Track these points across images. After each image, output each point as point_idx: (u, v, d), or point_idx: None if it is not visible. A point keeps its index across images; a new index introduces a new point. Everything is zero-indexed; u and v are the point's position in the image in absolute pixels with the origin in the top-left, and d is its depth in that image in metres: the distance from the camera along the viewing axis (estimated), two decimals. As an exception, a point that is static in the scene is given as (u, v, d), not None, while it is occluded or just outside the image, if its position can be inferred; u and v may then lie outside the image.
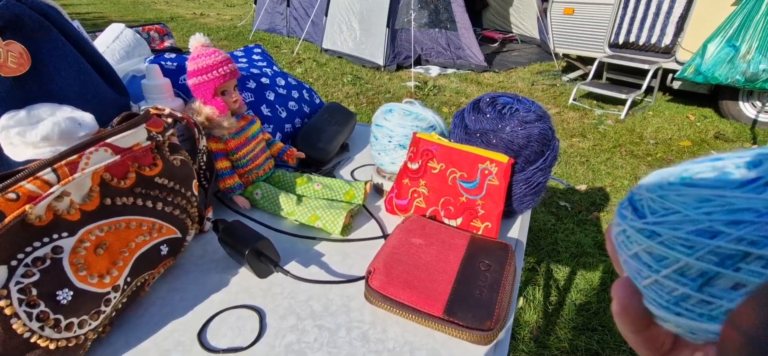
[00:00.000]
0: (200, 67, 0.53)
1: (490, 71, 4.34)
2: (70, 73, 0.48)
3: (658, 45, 3.30)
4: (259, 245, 0.45)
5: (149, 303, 0.43)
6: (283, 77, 0.79)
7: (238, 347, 0.38)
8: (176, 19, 7.28)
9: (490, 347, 0.39)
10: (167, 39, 0.92)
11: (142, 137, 0.42)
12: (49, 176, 0.34)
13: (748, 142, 2.69)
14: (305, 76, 3.91)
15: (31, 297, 0.32)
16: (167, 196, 0.44)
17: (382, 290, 0.41)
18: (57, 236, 0.34)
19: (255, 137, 0.60)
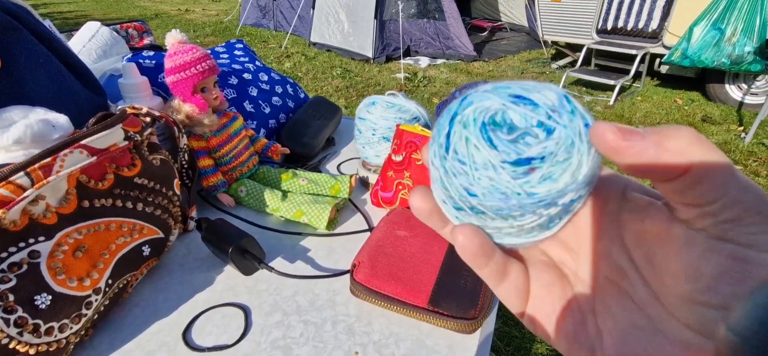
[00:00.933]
0: (178, 65, 0.52)
1: (480, 61, 4.34)
2: (42, 74, 0.47)
3: (645, 30, 3.32)
4: (243, 242, 0.45)
5: (133, 304, 0.42)
6: (266, 72, 0.78)
7: (223, 345, 0.38)
8: (161, 16, 7.15)
9: (474, 335, 0.39)
10: (146, 36, 0.91)
11: (119, 138, 0.41)
12: (22, 180, 0.33)
13: (735, 124, 2.73)
14: (294, 71, 3.87)
15: (8, 303, 0.31)
16: (148, 196, 0.43)
17: (367, 283, 0.41)
18: (33, 241, 0.33)
19: (238, 134, 0.60)
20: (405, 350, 0.38)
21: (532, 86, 0.15)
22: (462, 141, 0.15)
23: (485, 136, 0.15)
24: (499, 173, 0.14)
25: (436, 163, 0.16)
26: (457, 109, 0.16)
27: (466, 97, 0.16)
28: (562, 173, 0.14)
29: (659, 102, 3.16)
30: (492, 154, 0.14)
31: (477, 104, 0.15)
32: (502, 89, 0.16)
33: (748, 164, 2.23)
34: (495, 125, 0.15)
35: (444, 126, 0.16)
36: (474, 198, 0.15)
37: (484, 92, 0.16)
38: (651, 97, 3.28)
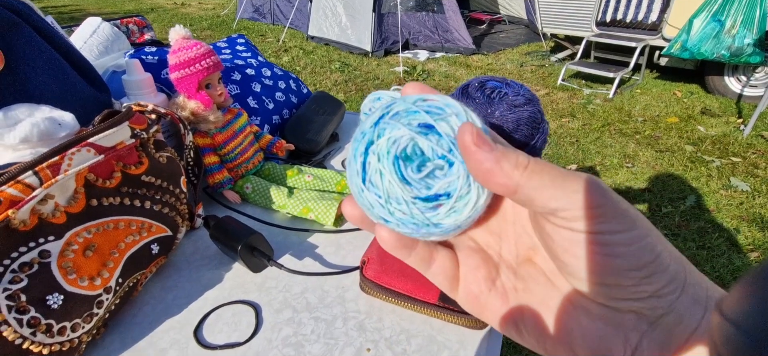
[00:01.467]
0: (182, 61, 0.52)
1: (479, 54, 4.32)
2: (46, 72, 0.47)
3: (644, 22, 3.31)
4: (252, 239, 0.45)
5: (143, 302, 0.42)
6: (269, 68, 0.78)
7: (235, 343, 0.38)
8: (156, 10, 7.08)
9: (485, 331, 0.39)
10: (147, 31, 0.90)
11: (126, 136, 0.41)
12: (30, 180, 0.33)
13: (734, 116, 2.74)
14: (292, 65, 3.85)
15: (20, 303, 0.31)
16: (155, 194, 0.43)
17: (377, 279, 0.41)
18: (43, 240, 0.33)
19: (242, 130, 0.59)
20: (416, 346, 0.38)
21: (439, 109, 0.16)
22: (377, 175, 0.16)
23: (398, 172, 0.16)
24: (410, 207, 0.16)
25: (355, 189, 0.17)
26: (372, 136, 0.17)
27: (382, 117, 0.17)
28: (464, 206, 0.16)
29: (658, 95, 3.17)
30: (405, 190, 0.16)
31: (389, 133, 0.16)
32: (412, 115, 0.16)
33: (747, 156, 2.24)
34: (406, 158, 0.16)
35: (359, 152, 0.17)
36: (389, 224, 0.17)
37: (395, 115, 0.16)
38: (650, 89, 3.28)
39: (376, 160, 0.16)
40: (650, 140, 2.46)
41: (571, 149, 2.39)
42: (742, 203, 1.87)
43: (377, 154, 0.16)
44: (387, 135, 0.16)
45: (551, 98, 3.17)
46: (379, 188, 0.16)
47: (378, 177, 0.16)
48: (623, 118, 2.75)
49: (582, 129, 2.62)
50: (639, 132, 2.56)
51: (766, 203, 1.86)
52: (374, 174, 0.16)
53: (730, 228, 1.72)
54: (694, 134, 2.51)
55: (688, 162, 2.20)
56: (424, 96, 0.17)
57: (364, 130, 0.17)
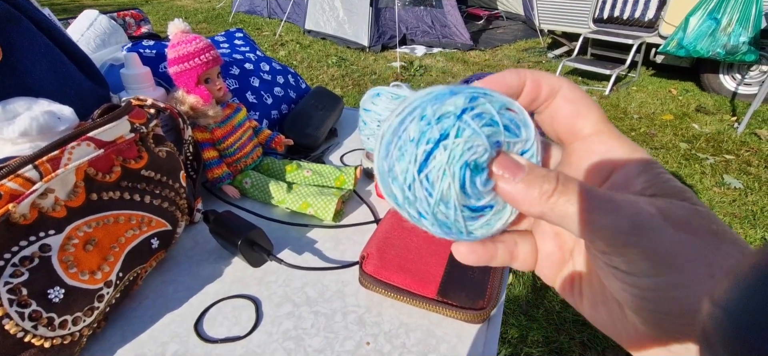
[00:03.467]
0: (181, 55, 0.51)
1: (476, 50, 4.32)
2: (44, 65, 0.47)
3: (641, 19, 3.32)
4: (252, 234, 0.45)
5: (143, 296, 0.43)
6: (267, 62, 0.78)
7: (235, 336, 0.38)
8: (151, 2, 7.00)
9: (482, 325, 0.40)
10: (144, 24, 0.89)
11: (126, 130, 0.41)
12: (30, 174, 0.33)
13: (728, 114, 2.76)
14: (289, 59, 3.83)
15: (21, 297, 0.31)
16: (155, 189, 0.43)
17: (376, 274, 0.42)
18: (44, 234, 0.33)
19: (241, 125, 0.59)
20: (415, 340, 0.38)
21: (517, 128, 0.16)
22: (439, 172, 0.15)
23: (462, 178, 0.15)
24: (456, 213, 0.15)
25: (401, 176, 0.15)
26: (449, 128, 0.15)
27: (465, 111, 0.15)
28: (497, 220, 0.16)
29: (654, 92, 3.18)
30: (461, 197, 0.15)
31: (469, 137, 0.15)
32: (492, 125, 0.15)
33: (740, 154, 2.27)
34: (476, 168, 0.15)
35: (428, 138, 0.15)
36: (423, 219, 0.16)
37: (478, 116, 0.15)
38: (646, 87, 3.30)
39: (446, 159, 0.15)
40: (645, 137, 2.48)
41: (568, 145, 2.40)
42: (734, 200, 1.89)
43: (450, 153, 0.15)
44: (466, 137, 0.15)
45: (548, 94, 3.17)
46: (434, 186, 0.15)
47: (439, 175, 0.15)
48: (619, 115, 2.77)
49: (578, 126, 2.63)
50: (634, 129, 2.58)
51: (758, 201, 1.88)
52: (436, 171, 0.15)
53: (722, 225, 1.74)
54: (689, 132, 2.53)
55: (682, 159, 2.22)
56: (507, 104, 0.16)
57: (437, 110, 0.15)
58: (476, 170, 0.15)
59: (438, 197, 0.15)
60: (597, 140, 0.16)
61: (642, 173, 0.15)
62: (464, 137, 0.15)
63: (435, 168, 0.15)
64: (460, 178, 0.15)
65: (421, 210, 0.16)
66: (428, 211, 0.15)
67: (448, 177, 0.15)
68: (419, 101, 0.16)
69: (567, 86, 0.17)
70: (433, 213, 0.15)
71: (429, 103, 0.15)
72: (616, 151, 0.16)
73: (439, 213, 0.15)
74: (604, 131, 0.16)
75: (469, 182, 0.15)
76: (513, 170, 0.15)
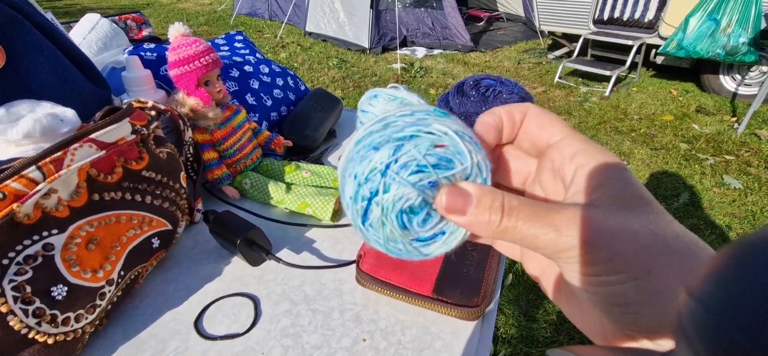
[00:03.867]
0: (181, 58, 0.52)
1: (477, 51, 4.33)
2: (47, 68, 0.47)
3: (641, 20, 3.33)
4: (251, 234, 0.45)
5: (144, 295, 0.43)
6: (267, 64, 0.79)
7: (234, 333, 0.39)
8: (153, 5, 7.03)
9: (477, 322, 0.40)
10: (145, 28, 0.90)
11: (127, 131, 0.42)
12: (34, 174, 0.33)
13: (728, 114, 2.76)
14: (290, 61, 3.84)
15: (25, 294, 0.32)
16: (155, 189, 0.44)
17: (372, 272, 0.42)
18: (47, 234, 0.34)
19: (241, 127, 0.60)
20: (411, 336, 0.39)
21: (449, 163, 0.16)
22: (378, 223, 0.17)
23: (400, 223, 0.17)
24: (407, 246, 0.17)
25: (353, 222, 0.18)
26: (377, 186, 0.16)
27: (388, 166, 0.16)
28: (454, 240, 0.18)
29: (654, 93, 3.19)
30: (404, 235, 0.17)
31: (396, 190, 0.16)
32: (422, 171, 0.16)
33: (740, 155, 2.27)
34: (411, 211, 0.17)
35: (362, 196, 0.16)
36: (384, 252, 0.18)
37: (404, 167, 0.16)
38: (646, 88, 3.30)
39: (380, 212, 0.16)
40: (645, 138, 2.48)
41: (567, 146, 2.40)
42: (734, 200, 1.89)
43: (382, 207, 0.16)
44: (393, 191, 0.16)
45: (548, 95, 3.18)
46: (378, 232, 0.17)
47: (379, 225, 0.17)
48: (619, 116, 2.77)
49: (578, 127, 2.64)
50: (634, 130, 2.58)
51: (758, 201, 1.88)
52: (376, 221, 0.17)
53: (722, 225, 1.74)
54: (689, 132, 2.53)
55: (682, 160, 2.23)
56: (435, 141, 0.16)
57: (365, 169, 0.16)
58: (413, 213, 0.17)
59: (385, 239, 0.17)
60: (564, 143, 0.18)
61: (598, 174, 0.17)
62: (392, 192, 0.16)
63: (374, 220, 0.17)
64: (398, 224, 0.17)
65: (378, 247, 0.18)
66: (383, 247, 0.18)
67: (388, 225, 0.16)
68: (353, 153, 0.17)
69: (532, 108, 0.19)
70: (387, 249, 0.17)
71: (358, 158, 0.17)
72: (580, 152, 0.17)
73: (392, 249, 0.17)
74: (569, 135, 0.18)
75: (408, 224, 0.17)
76: (463, 203, 0.16)
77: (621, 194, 0.16)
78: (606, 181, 0.16)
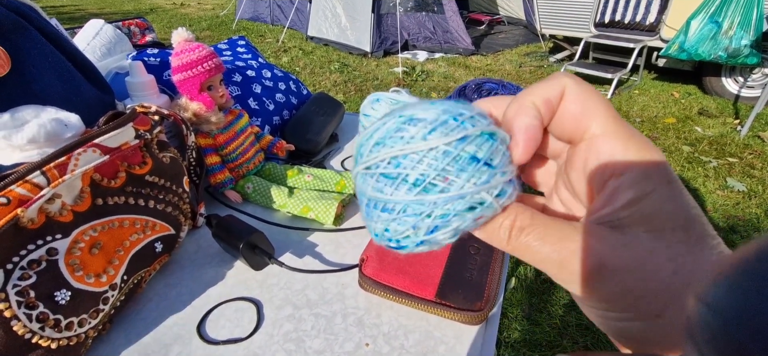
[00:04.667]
0: (185, 63, 0.53)
1: (478, 54, 4.33)
2: (52, 73, 0.48)
3: (642, 23, 3.33)
4: (253, 238, 0.46)
5: (147, 299, 0.43)
6: (269, 69, 0.79)
7: (237, 338, 0.39)
8: (156, 10, 7.08)
9: (480, 326, 0.40)
10: (148, 33, 0.91)
11: (130, 136, 0.42)
12: (38, 179, 0.34)
13: (731, 117, 2.75)
14: (291, 65, 3.86)
15: (29, 299, 0.32)
16: (159, 194, 0.44)
17: (375, 277, 0.42)
18: (51, 238, 0.34)
19: (244, 131, 0.60)
20: (414, 341, 0.39)
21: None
22: None
23: None
24: None
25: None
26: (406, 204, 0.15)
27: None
28: None
29: (656, 95, 3.18)
30: None
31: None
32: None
33: (744, 157, 2.26)
34: None
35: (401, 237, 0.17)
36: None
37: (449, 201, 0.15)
38: (648, 90, 3.29)
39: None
40: (648, 141, 2.48)
41: (570, 149, 2.40)
42: (738, 203, 1.88)
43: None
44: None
45: (550, 98, 3.18)
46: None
47: None
48: (621, 118, 2.76)
49: (580, 130, 2.63)
50: (637, 133, 2.57)
51: (762, 204, 1.87)
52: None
53: (726, 228, 1.73)
54: (692, 135, 2.52)
55: (685, 163, 2.22)
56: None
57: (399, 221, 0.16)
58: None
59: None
60: (603, 141, 0.15)
61: (633, 186, 0.14)
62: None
63: None
64: None
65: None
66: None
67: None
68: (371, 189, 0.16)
69: (571, 83, 0.16)
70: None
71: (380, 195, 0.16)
72: (618, 155, 0.15)
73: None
74: (610, 132, 0.15)
75: None
76: None
77: (658, 214, 0.14)
78: (643, 196, 0.14)
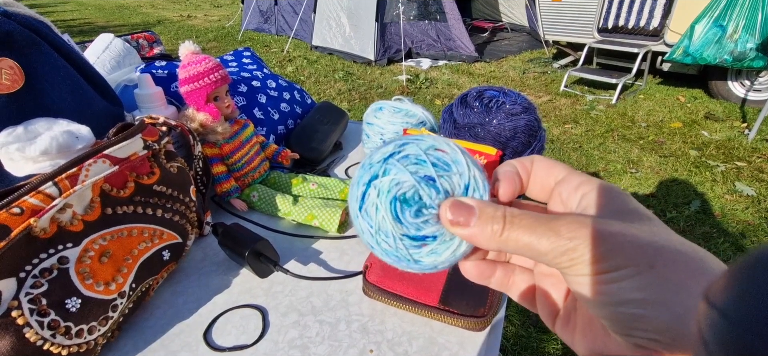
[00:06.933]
0: (191, 75, 0.54)
1: (482, 61, 4.35)
2: (63, 87, 0.49)
3: (646, 28, 3.33)
4: (259, 246, 0.46)
5: (154, 307, 0.44)
6: (274, 79, 0.80)
7: (243, 345, 0.39)
8: (163, 23, 7.20)
9: (484, 332, 0.40)
10: (156, 46, 0.93)
11: (139, 147, 0.43)
12: (50, 190, 0.35)
13: (738, 121, 2.73)
14: (296, 75, 3.90)
15: (41, 307, 0.33)
16: (166, 203, 0.45)
17: (379, 283, 0.43)
18: (62, 247, 0.35)
19: (249, 141, 0.62)
20: (417, 347, 0.39)
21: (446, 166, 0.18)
22: (373, 208, 0.18)
23: (393, 211, 0.18)
24: (396, 242, 0.18)
25: (352, 211, 0.19)
26: (378, 170, 0.18)
27: (391, 154, 0.18)
28: (444, 250, 0.18)
29: (662, 100, 3.17)
30: (395, 227, 0.18)
31: (394, 174, 0.18)
32: (420, 164, 0.18)
33: (752, 161, 2.23)
34: (405, 201, 0.18)
35: (362, 181, 0.18)
36: (373, 250, 0.19)
37: (404, 157, 0.18)
38: (653, 95, 3.28)
39: (376, 195, 0.18)
40: (654, 146, 2.46)
41: (575, 154, 2.39)
42: (747, 207, 1.86)
43: (378, 189, 0.18)
44: (391, 175, 0.18)
45: (554, 104, 3.18)
46: (372, 219, 0.18)
47: (373, 210, 0.18)
48: (626, 123, 2.76)
49: (585, 135, 2.63)
50: (642, 137, 2.56)
51: (771, 208, 1.85)
52: (371, 206, 0.18)
53: (735, 233, 1.71)
54: (698, 139, 2.50)
55: (692, 167, 2.20)
56: (436, 145, 0.18)
57: (371, 161, 0.18)
58: (406, 203, 0.18)
59: (376, 227, 0.18)
60: (570, 178, 0.19)
61: (601, 195, 0.18)
62: (390, 175, 0.18)
63: (369, 204, 0.18)
64: (391, 211, 0.17)
65: (369, 242, 0.18)
66: (373, 241, 0.18)
67: (381, 210, 0.17)
68: (367, 154, 0.19)
69: (538, 157, 0.21)
70: (377, 243, 0.18)
71: (370, 153, 0.19)
72: (585, 182, 0.18)
73: (381, 243, 0.18)
74: (573, 172, 0.19)
75: (400, 213, 0.18)
76: (466, 215, 0.17)
77: (622, 210, 0.17)
78: (608, 201, 0.17)
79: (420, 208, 0.18)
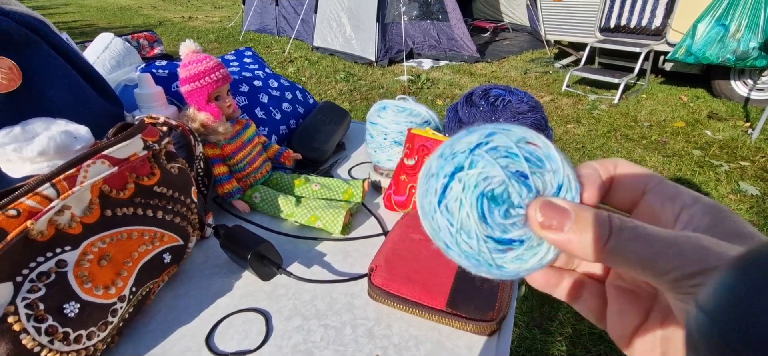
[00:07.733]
0: (192, 74, 0.53)
1: (483, 61, 4.34)
2: (62, 87, 0.48)
3: (648, 27, 3.31)
4: (261, 248, 0.45)
5: (155, 310, 0.43)
6: (276, 79, 0.79)
7: (246, 350, 0.38)
8: (164, 24, 7.21)
9: (493, 337, 0.39)
10: (157, 46, 0.92)
11: (139, 147, 0.42)
12: (48, 191, 0.34)
13: (741, 120, 2.72)
14: (297, 75, 3.89)
15: (38, 312, 0.32)
16: (167, 204, 0.44)
17: (385, 286, 0.42)
18: (60, 250, 0.34)
19: (251, 141, 0.61)
20: (425, 352, 0.38)
21: (539, 161, 0.16)
22: (456, 203, 0.16)
23: (480, 208, 0.15)
24: (480, 244, 0.16)
25: (426, 206, 0.16)
26: (463, 161, 0.16)
27: (479, 145, 0.16)
28: (531, 257, 0.16)
29: (664, 99, 3.15)
30: (481, 227, 0.15)
31: (483, 167, 0.15)
32: (511, 157, 0.15)
33: (756, 160, 2.22)
34: (492, 198, 0.15)
35: (444, 173, 0.16)
36: (449, 251, 0.16)
37: (493, 149, 0.15)
38: (656, 94, 3.26)
39: (461, 189, 0.15)
40: (657, 145, 2.45)
41: (577, 154, 2.38)
42: (752, 207, 1.85)
43: (464, 183, 0.15)
44: (479, 168, 0.15)
45: (556, 104, 3.16)
46: (453, 216, 0.16)
47: (456, 206, 0.16)
48: (629, 123, 2.74)
49: (588, 135, 2.61)
50: (645, 137, 2.55)
51: (777, 207, 1.83)
52: (453, 201, 0.16)
53: (740, 233, 1.69)
54: (702, 139, 2.49)
55: (696, 167, 2.19)
56: (527, 137, 0.16)
57: (454, 150, 0.16)
58: (494, 201, 0.15)
59: (458, 226, 0.16)
60: (664, 187, 0.17)
61: (707, 213, 0.15)
62: (478, 167, 0.15)
63: (451, 199, 0.16)
64: (477, 208, 0.15)
65: (447, 241, 0.16)
66: (452, 241, 0.16)
67: (466, 207, 0.15)
68: (446, 142, 0.16)
69: (621, 160, 0.18)
70: (457, 243, 0.16)
71: (450, 141, 0.16)
72: (682, 196, 0.16)
73: (462, 243, 0.16)
74: (666, 181, 0.17)
75: (488, 212, 0.15)
76: (560, 218, 0.15)
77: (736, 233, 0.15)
78: (719, 222, 0.15)
79: (508, 208, 0.15)
